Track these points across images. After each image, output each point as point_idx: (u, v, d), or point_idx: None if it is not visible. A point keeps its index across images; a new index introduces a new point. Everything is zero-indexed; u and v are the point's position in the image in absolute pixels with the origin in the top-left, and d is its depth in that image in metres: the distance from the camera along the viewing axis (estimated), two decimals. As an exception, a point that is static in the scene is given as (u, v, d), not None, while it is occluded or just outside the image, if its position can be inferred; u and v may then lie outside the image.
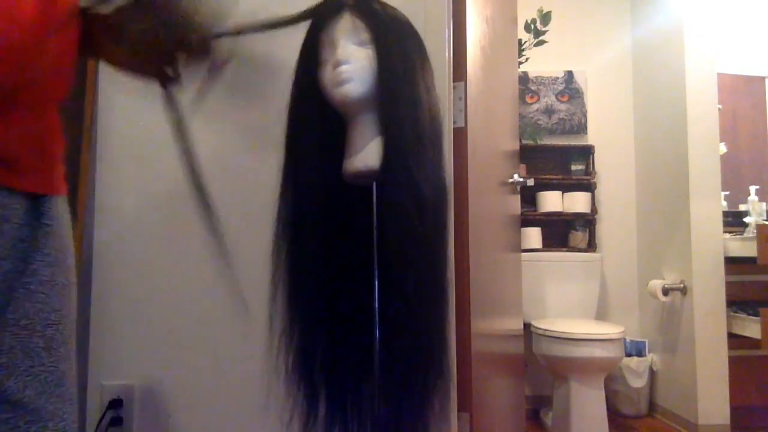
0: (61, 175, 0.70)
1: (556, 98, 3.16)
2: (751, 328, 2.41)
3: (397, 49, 0.95)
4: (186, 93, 0.79)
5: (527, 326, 2.50)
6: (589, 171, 3.09)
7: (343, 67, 0.92)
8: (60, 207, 0.68)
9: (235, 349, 1.36)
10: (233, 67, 0.82)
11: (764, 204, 2.82)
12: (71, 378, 0.67)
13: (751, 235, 2.50)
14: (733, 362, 2.53)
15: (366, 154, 0.95)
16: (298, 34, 1.01)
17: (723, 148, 2.75)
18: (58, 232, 0.66)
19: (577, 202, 3.01)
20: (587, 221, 3.06)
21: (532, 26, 2.84)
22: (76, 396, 0.68)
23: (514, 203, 2.05)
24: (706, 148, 2.60)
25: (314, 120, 1.01)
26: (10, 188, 0.59)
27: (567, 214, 3.03)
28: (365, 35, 0.94)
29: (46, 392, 0.62)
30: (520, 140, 2.69)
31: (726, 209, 2.80)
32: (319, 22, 0.97)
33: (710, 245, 2.57)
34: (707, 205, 2.58)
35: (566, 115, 3.15)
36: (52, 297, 0.64)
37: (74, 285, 0.70)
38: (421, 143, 0.93)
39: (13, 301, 0.61)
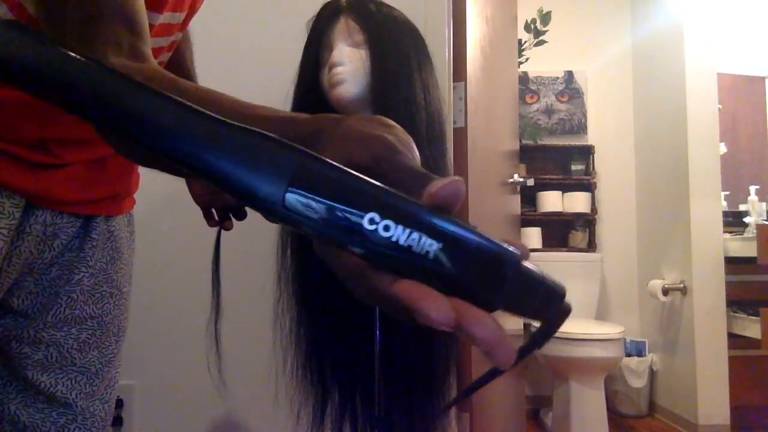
0: (123, 195, 0.75)
1: (556, 98, 3.16)
2: (751, 328, 2.41)
3: (391, 49, 0.95)
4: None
5: (527, 326, 2.50)
6: (589, 171, 3.09)
7: (338, 69, 0.94)
8: (115, 223, 0.73)
9: (238, 348, 1.36)
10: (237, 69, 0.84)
11: (764, 204, 2.83)
12: (105, 379, 0.72)
13: (751, 235, 2.50)
14: (733, 362, 2.53)
15: None
16: (301, 38, 1.02)
17: (723, 148, 2.75)
18: (109, 245, 0.72)
19: (577, 202, 3.01)
20: (587, 221, 3.06)
21: (532, 26, 2.84)
22: (111, 396, 0.73)
23: (514, 203, 2.05)
24: (706, 148, 2.60)
25: None
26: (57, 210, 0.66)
27: (567, 214, 3.03)
28: (359, 36, 0.96)
29: (76, 389, 0.68)
30: (520, 140, 2.69)
31: (726, 209, 2.80)
32: (319, 25, 0.99)
33: (710, 245, 2.57)
34: (707, 205, 2.58)
35: (566, 115, 3.15)
36: (91, 305, 0.69)
37: (128, 293, 0.76)
38: (417, 143, 0.93)
39: (55, 306, 0.66)
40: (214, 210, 0.95)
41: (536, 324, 0.30)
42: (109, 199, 0.73)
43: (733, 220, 2.82)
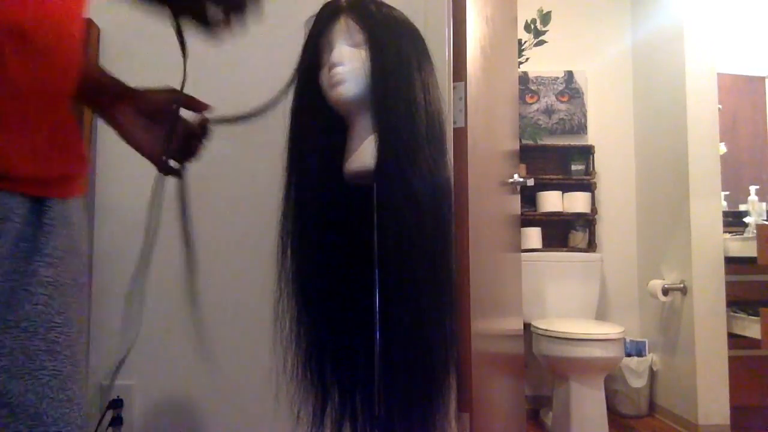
0: (74, 177, 0.70)
1: (556, 98, 3.16)
2: (751, 328, 2.41)
3: (392, 49, 0.95)
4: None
5: (527, 326, 2.50)
6: (589, 171, 3.09)
7: (338, 69, 0.94)
8: (68, 208, 0.67)
9: (238, 348, 1.36)
10: (236, 69, 0.84)
11: (764, 204, 2.82)
12: (77, 381, 0.65)
13: (751, 235, 2.50)
14: (733, 362, 2.53)
15: (362, 154, 0.96)
16: (300, 38, 1.02)
17: (723, 148, 2.75)
18: (64, 232, 0.66)
19: (577, 202, 3.01)
20: (587, 221, 3.06)
21: (532, 26, 2.84)
22: (84, 400, 0.67)
23: (514, 203, 2.05)
24: (706, 148, 2.60)
25: (317, 121, 1.02)
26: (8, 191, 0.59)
27: (567, 214, 3.03)
28: (359, 36, 0.95)
29: (48, 396, 0.61)
30: (520, 140, 2.69)
31: (726, 209, 2.80)
32: (318, 25, 0.99)
33: (710, 245, 2.57)
34: (707, 205, 2.58)
35: (566, 115, 3.15)
36: (55, 299, 0.63)
37: (84, 285, 0.70)
38: (417, 143, 0.93)
39: (13, 303, 0.59)
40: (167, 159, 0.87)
41: (536, 325, 0.30)
42: (61, 178, 0.67)
43: (733, 220, 2.82)
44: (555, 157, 3.16)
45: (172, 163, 0.85)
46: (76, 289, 0.67)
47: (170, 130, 0.79)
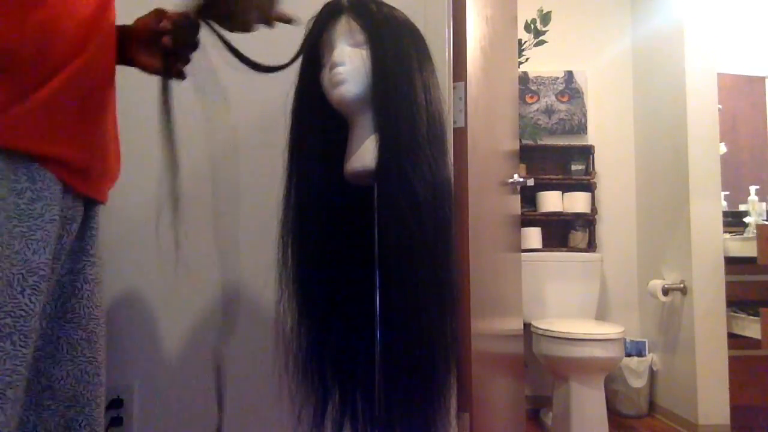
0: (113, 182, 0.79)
1: (556, 98, 3.16)
2: (751, 328, 2.41)
3: (392, 48, 0.95)
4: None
5: (527, 326, 2.50)
6: (589, 171, 3.09)
7: (339, 69, 0.94)
8: (99, 213, 0.76)
9: (239, 348, 1.36)
10: (237, 67, 0.84)
11: (764, 204, 2.83)
12: (105, 367, 0.75)
13: (751, 235, 2.50)
14: (733, 362, 2.53)
15: (363, 154, 0.96)
16: (302, 38, 1.02)
17: (723, 148, 2.75)
18: (98, 234, 0.75)
19: (577, 202, 3.01)
20: (587, 221, 3.06)
21: (532, 26, 2.84)
22: (105, 383, 0.76)
23: (514, 203, 2.05)
24: (706, 148, 2.61)
25: (318, 121, 1.02)
26: (77, 192, 0.68)
27: (567, 214, 3.03)
28: (360, 36, 0.95)
29: (84, 380, 0.71)
30: (520, 140, 2.69)
31: (726, 209, 2.80)
32: (319, 25, 0.99)
33: (710, 245, 2.57)
34: (707, 205, 2.58)
35: (566, 115, 3.15)
36: (95, 294, 0.72)
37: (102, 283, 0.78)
38: (417, 143, 0.93)
39: (62, 297, 0.69)
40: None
41: (536, 325, 0.30)
42: (108, 183, 0.75)
43: (733, 220, 2.82)
44: (555, 157, 3.16)
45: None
46: (102, 286, 0.76)
47: (167, 44, 0.81)
